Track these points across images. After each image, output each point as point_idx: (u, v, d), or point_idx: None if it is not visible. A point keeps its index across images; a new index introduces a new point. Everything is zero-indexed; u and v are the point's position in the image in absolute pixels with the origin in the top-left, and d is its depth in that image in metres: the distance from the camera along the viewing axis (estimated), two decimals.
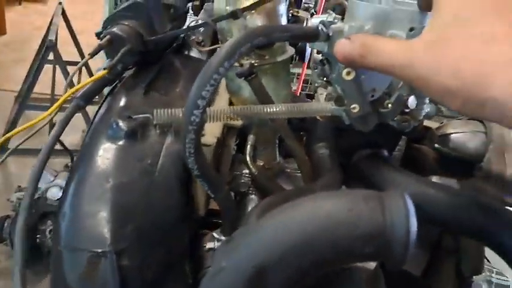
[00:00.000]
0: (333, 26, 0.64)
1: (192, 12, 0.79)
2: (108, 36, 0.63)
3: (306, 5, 2.99)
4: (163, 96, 0.65)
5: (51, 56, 2.38)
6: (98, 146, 0.58)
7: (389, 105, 0.64)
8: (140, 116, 0.59)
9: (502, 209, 0.60)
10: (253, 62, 0.66)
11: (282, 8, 0.69)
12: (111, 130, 0.58)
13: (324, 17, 0.64)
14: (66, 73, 2.32)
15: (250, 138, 0.74)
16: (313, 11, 2.94)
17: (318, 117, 0.74)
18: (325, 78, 0.70)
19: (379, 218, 0.44)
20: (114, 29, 0.64)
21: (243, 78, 0.63)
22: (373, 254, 0.45)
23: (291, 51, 0.72)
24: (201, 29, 0.78)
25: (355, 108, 0.60)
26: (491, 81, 0.36)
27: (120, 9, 0.67)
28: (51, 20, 2.57)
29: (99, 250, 0.53)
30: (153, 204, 0.56)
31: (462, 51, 0.38)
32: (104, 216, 0.54)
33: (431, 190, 0.64)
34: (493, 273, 1.35)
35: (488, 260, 1.45)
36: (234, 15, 0.63)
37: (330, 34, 0.63)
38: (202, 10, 0.79)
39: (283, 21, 0.70)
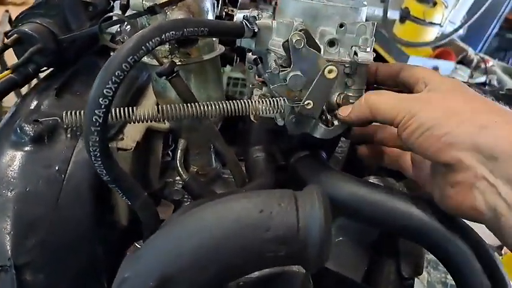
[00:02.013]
0: (259, 22, 0.62)
1: (120, 11, 0.75)
2: (15, 35, 0.58)
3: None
4: (78, 98, 0.61)
5: None
6: (4, 150, 0.53)
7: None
8: (48, 119, 0.55)
9: (434, 207, 0.58)
10: (177, 60, 0.63)
11: (208, 5, 0.65)
12: (15, 135, 0.53)
13: (247, 12, 0.62)
14: None
15: (181, 143, 0.70)
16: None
17: (253, 120, 0.71)
18: (260, 78, 0.68)
19: (292, 219, 0.41)
20: (24, 27, 0.59)
21: (164, 77, 0.59)
22: (288, 258, 0.42)
23: (220, 49, 0.69)
24: (127, 28, 0.74)
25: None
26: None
27: (32, 7, 0.62)
28: None
29: None
30: (61, 215, 0.52)
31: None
32: (4, 227, 0.49)
33: (365, 190, 0.62)
34: (448, 274, 1.34)
35: None
36: (152, 10, 0.59)
37: (256, 30, 0.60)
38: (129, 9, 0.75)
39: (210, 17, 0.67)
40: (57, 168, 0.53)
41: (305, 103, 0.56)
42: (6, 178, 0.51)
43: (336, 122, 0.61)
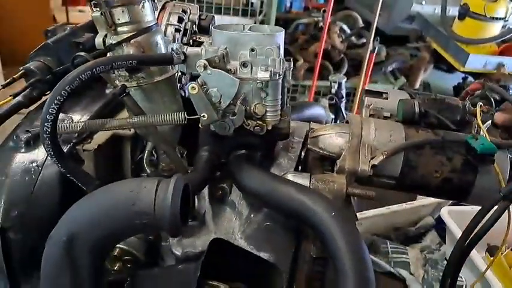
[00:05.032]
0: (189, 50, 0.80)
1: None
2: (21, 71, 0.84)
3: (316, 19, 3.13)
4: (64, 115, 0.84)
5: None
6: (4, 152, 0.78)
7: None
8: (35, 129, 0.79)
9: (316, 195, 0.71)
10: (134, 83, 0.83)
11: (158, 39, 0.85)
12: (12, 141, 0.78)
13: (175, 45, 0.80)
14: None
15: (148, 145, 0.91)
16: (321, 24, 3.06)
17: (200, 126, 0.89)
18: None
19: (151, 197, 0.59)
20: (28, 65, 0.85)
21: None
22: (149, 225, 0.60)
23: (172, 71, 0.88)
24: None
25: (204, 116, 0.75)
26: None
27: (37, 49, 0.87)
28: None
29: None
30: (37, 196, 0.75)
31: None
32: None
33: (273, 183, 0.76)
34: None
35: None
36: (109, 49, 0.80)
37: (182, 58, 0.79)
38: None
39: (161, 49, 0.86)
40: (37, 163, 0.77)
41: (201, 115, 0.72)
42: (4, 170, 0.76)
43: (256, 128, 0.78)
